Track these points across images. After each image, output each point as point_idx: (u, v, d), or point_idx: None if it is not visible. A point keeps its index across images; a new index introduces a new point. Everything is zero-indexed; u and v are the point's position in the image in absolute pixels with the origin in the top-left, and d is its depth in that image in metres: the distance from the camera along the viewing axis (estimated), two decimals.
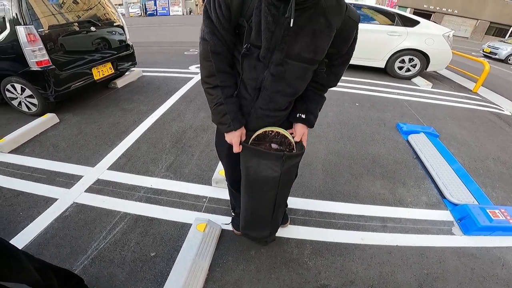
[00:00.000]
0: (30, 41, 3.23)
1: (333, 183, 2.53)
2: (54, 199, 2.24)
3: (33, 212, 2.10)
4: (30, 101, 3.65)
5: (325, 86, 1.26)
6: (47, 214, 2.09)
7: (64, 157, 2.80)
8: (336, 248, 1.89)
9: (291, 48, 1.00)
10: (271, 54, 1.01)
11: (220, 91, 1.11)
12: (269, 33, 0.95)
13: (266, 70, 1.06)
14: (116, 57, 4.33)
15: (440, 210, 2.31)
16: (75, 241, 1.87)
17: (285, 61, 1.02)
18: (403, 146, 3.27)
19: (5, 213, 2.09)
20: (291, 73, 1.07)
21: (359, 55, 5.92)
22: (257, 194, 1.40)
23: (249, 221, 1.57)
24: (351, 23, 1.03)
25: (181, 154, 2.84)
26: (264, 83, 1.09)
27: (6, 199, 2.21)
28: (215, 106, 1.15)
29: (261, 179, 1.29)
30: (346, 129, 3.56)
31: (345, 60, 1.18)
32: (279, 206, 1.46)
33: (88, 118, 3.62)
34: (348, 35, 1.06)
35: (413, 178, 2.68)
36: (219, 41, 1.02)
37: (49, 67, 3.41)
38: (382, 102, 4.64)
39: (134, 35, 9.98)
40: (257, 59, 1.03)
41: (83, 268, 1.69)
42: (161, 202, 2.22)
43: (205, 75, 1.12)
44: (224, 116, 1.15)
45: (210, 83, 1.12)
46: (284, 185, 1.34)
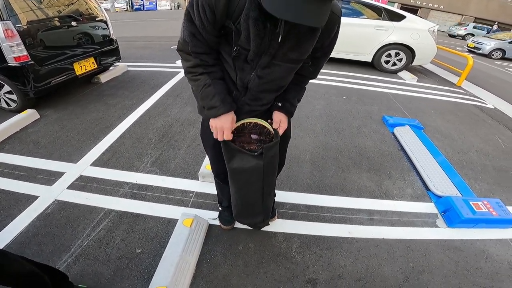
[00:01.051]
0: (7, 37, 3.12)
1: (320, 176, 2.54)
2: (35, 196, 2.16)
3: (13, 211, 2.02)
4: (9, 97, 3.52)
5: (305, 77, 1.27)
6: (28, 212, 2.01)
7: (45, 154, 2.71)
8: (323, 242, 1.89)
9: (278, 51, 1.01)
10: (259, 58, 1.02)
11: (206, 76, 1.08)
12: (259, 40, 0.95)
13: (253, 72, 1.07)
14: (99, 52, 4.21)
15: (425, 202, 2.35)
16: (58, 239, 1.81)
17: (272, 63, 1.04)
18: (389, 138, 3.31)
19: None
20: (277, 74, 1.08)
21: (346, 49, 5.96)
22: (243, 186, 1.40)
23: (240, 210, 1.58)
24: (334, 17, 1.01)
25: (167, 149, 2.79)
26: (250, 84, 1.11)
27: None
28: (202, 88, 1.09)
29: (245, 172, 1.29)
30: (333, 122, 3.58)
31: (326, 52, 1.17)
32: (268, 194, 1.47)
33: (70, 113, 3.51)
34: (331, 29, 1.05)
35: (399, 171, 2.71)
36: (201, 43, 1.01)
37: (27, 63, 3.30)
38: (369, 95, 4.68)
39: (120, 30, 9.79)
40: (244, 61, 1.04)
41: (67, 266, 1.63)
42: (146, 198, 2.18)
43: (188, 66, 1.09)
44: (213, 98, 1.09)
45: (195, 72, 1.09)
46: (269, 174, 1.34)
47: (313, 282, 1.63)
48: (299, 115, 3.59)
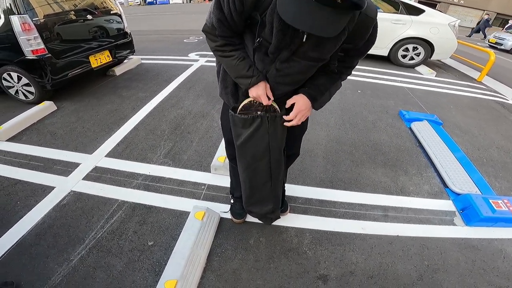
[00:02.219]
0: (24, 30, 3.18)
1: (334, 171, 2.49)
2: (51, 187, 2.21)
3: (30, 201, 2.07)
4: (27, 89, 3.61)
5: (335, 73, 1.22)
6: (44, 203, 2.06)
7: (61, 145, 2.77)
8: (336, 238, 1.86)
9: (299, 49, 1.01)
10: (279, 52, 1.03)
11: (239, 51, 1.11)
12: (281, 35, 0.96)
13: (272, 64, 1.09)
14: (114, 45, 4.26)
15: (442, 199, 2.27)
16: (73, 230, 1.85)
17: (291, 58, 1.05)
18: (406, 133, 3.22)
19: (3, 203, 2.06)
20: (295, 69, 1.09)
21: None
22: (251, 163, 1.42)
23: (249, 194, 1.58)
24: (368, 20, 0.99)
25: (179, 141, 2.80)
26: (268, 74, 1.14)
27: (4, 188, 2.19)
28: (238, 61, 1.11)
29: (251, 145, 1.33)
30: (347, 116, 3.50)
31: (361, 52, 1.14)
32: (276, 178, 1.48)
33: (86, 105, 3.57)
34: (365, 31, 1.02)
35: (416, 167, 2.63)
36: (227, 29, 1.05)
37: (45, 56, 3.36)
38: (385, 89, 4.56)
39: (134, 24, 9.85)
40: (265, 53, 1.06)
41: (81, 258, 1.66)
42: (159, 190, 2.19)
43: (216, 45, 1.13)
44: (250, 68, 1.11)
45: (225, 50, 1.12)
46: (275, 151, 1.36)
47: (324, 278, 1.61)
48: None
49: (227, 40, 1.10)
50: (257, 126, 1.27)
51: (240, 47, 1.12)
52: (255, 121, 1.26)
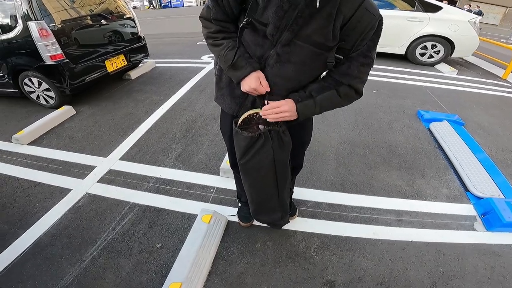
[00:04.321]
0: (42, 36, 3.29)
1: (345, 174, 2.43)
2: (68, 189, 2.28)
3: (48, 203, 2.15)
4: (48, 94, 3.75)
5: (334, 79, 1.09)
6: (61, 205, 2.13)
7: (79, 148, 2.86)
8: (345, 243, 1.81)
9: (303, 30, 0.94)
10: (280, 34, 0.96)
11: (230, 40, 1.08)
12: (281, 12, 0.91)
13: (272, 49, 1.01)
14: (129, 49, 4.36)
15: (462, 203, 2.16)
16: (86, 232, 1.90)
17: (293, 42, 0.97)
18: (424, 134, 3.09)
19: (22, 204, 2.15)
20: (297, 56, 1.00)
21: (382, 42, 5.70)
22: (256, 179, 1.37)
23: (256, 206, 1.56)
24: (368, 16, 0.93)
25: (190, 144, 2.83)
26: (268, 61, 1.05)
27: (24, 190, 2.29)
28: (226, 50, 1.06)
29: (256, 163, 1.26)
30: (361, 117, 3.41)
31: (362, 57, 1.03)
32: (283, 188, 1.43)
33: (103, 109, 3.68)
34: (363, 27, 0.95)
35: (434, 169, 2.53)
36: (221, 9, 1.03)
37: (63, 61, 3.48)
38: (402, 89, 4.41)
39: (148, 28, 10.10)
40: (263, 36, 0.99)
41: (92, 259, 1.71)
42: (169, 193, 2.22)
43: (209, 31, 1.10)
44: (239, 58, 1.05)
45: (217, 37, 1.09)
46: (280, 164, 1.30)
47: (331, 284, 1.57)
48: None
49: (221, 26, 1.07)
50: (261, 144, 1.20)
51: (232, 36, 1.08)
52: (259, 140, 1.19)
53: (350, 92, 1.11)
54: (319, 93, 1.09)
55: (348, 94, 1.11)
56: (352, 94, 1.12)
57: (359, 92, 1.13)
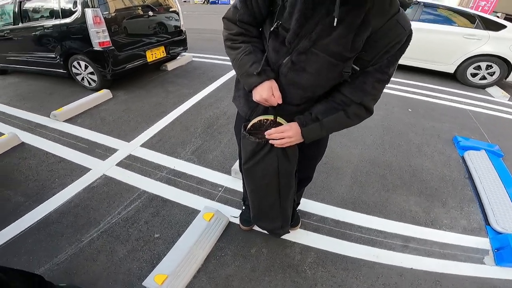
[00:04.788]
0: (95, 23, 3.55)
1: (359, 192, 2.33)
2: (88, 169, 2.44)
3: (67, 180, 2.31)
4: (91, 77, 4.05)
5: (345, 96, 1.02)
6: (78, 183, 2.28)
7: (107, 130, 3.04)
8: (342, 261, 1.73)
9: (321, 38, 0.90)
10: (298, 41, 0.93)
11: (248, 44, 1.05)
12: (303, 19, 0.88)
13: (288, 57, 0.98)
14: (169, 41, 4.55)
15: (479, 237, 1.99)
16: (93, 213, 2.01)
17: (311, 50, 0.93)
18: (456, 162, 2.87)
19: (43, 178, 2.33)
20: (313, 65, 0.96)
21: (423, 57, 5.37)
22: (259, 186, 1.36)
23: (257, 212, 1.56)
24: (398, 29, 0.87)
25: (209, 140, 2.88)
26: (281, 69, 1.02)
27: (49, 164, 2.48)
28: (242, 55, 1.03)
29: (259, 169, 1.25)
30: (389, 136, 3.25)
31: (379, 72, 0.96)
32: (285, 198, 1.40)
33: (136, 96, 3.88)
34: (390, 41, 0.89)
35: (457, 199, 2.34)
36: (249, 11, 1.01)
37: (109, 48, 3.73)
38: (441, 110, 4.12)
39: (192, 22, 10.41)
40: (282, 42, 0.97)
41: (90, 241, 1.80)
42: (179, 185, 2.28)
43: (230, 33, 1.07)
44: (253, 65, 1.01)
45: (237, 39, 1.06)
46: (285, 175, 1.27)
47: None
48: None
49: (244, 28, 1.04)
50: (267, 151, 1.18)
51: (253, 41, 1.06)
52: (265, 147, 1.17)
53: (360, 111, 1.04)
54: (325, 115, 1.04)
55: (357, 113, 1.04)
56: (362, 113, 1.05)
57: (369, 111, 1.05)
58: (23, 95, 4.13)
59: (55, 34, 3.88)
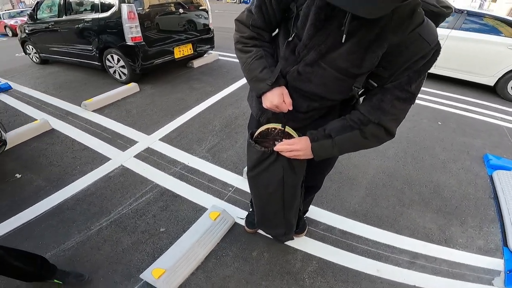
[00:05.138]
0: (130, 18, 3.71)
1: (372, 204, 2.25)
2: (108, 158, 2.56)
3: (87, 168, 2.43)
4: (122, 70, 4.24)
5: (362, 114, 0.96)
6: (97, 171, 2.40)
7: (130, 122, 3.17)
8: (343, 273, 1.68)
9: (330, 52, 0.87)
10: (307, 52, 0.91)
11: (260, 49, 1.03)
12: (314, 31, 0.86)
13: (295, 66, 0.97)
14: (197, 39, 4.65)
15: (493, 257, 1.86)
16: (106, 202, 2.10)
17: (318, 63, 0.91)
18: (483, 181, 2.68)
19: (66, 164, 2.48)
20: (319, 78, 0.94)
21: (461, 67, 5.06)
22: (262, 195, 1.35)
23: (260, 218, 1.56)
24: (421, 43, 0.80)
25: (225, 139, 2.91)
26: (288, 77, 1.00)
27: (73, 151, 2.63)
28: (253, 59, 1.01)
29: (264, 178, 1.24)
30: (413, 149, 3.10)
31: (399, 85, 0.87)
32: (290, 207, 1.38)
33: (161, 91, 4.00)
34: (411, 56, 0.82)
35: (478, 219, 2.18)
36: (263, 17, 0.99)
37: (140, 43, 3.89)
38: (475, 125, 3.86)
39: (222, 21, 10.48)
40: (292, 51, 0.96)
41: (99, 230, 1.88)
42: (190, 181, 2.32)
43: (242, 35, 1.06)
44: (263, 70, 1.00)
45: (248, 43, 1.04)
46: (290, 185, 1.24)
47: None
48: None
49: (256, 32, 1.03)
50: (272, 161, 1.15)
51: (264, 45, 1.04)
52: (271, 157, 1.14)
53: (379, 131, 0.95)
54: (339, 133, 0.98)
55: (376, 134, 0.96)
56: (382, 135, 0.96)
57: (390, 133, 0.96)
58: (60, 84, 4.41)
59: (93, 28, 4.10)
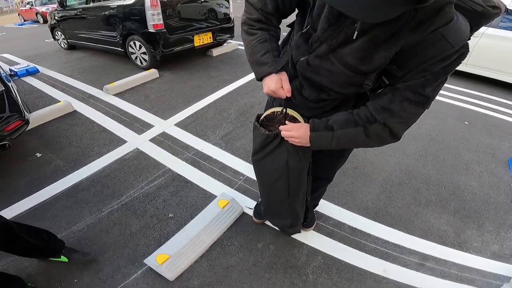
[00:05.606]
0: (152, 6, 3.75)
1: (386, 203, 2.17)
2: (124, 141, 2.61)
3: (104, 150, 2.50)
4: (143, 57, 4.31)
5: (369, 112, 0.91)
6: (113, 153, 2.46)
7: (148, 107, 3.22)
8: (348, 271, 1.64)
9: (341, 47, 0.84)
10: (319, 44, 0.89)
11: (265, 32, 1.01)
12: (326, 24, 0.83)
13: (306, 56, 0.94)
14: (218, 28, 4.63)
15: (506, 263, 1.78)
16: (119, 185, 2.15)
17: (328, 57, 0.87)
18: (506, 185, 2.52)
19: (85, 145, 2.55)
20: (326, 71, 0.90)
21: (494, 66, 4.76)
22: (267, 180, 1.35)
23: (266, 207, 1.55)
24: (443, 45, 0.72)
25: (240, 127, 2.90)
26: (298, 65, 0.98)
27: (92, 133, 2.70)
28: (256, 42, 1.00)
29: (268, 162, 1.24)
30: (435, 148, 2.96)
31: (410, 87, 0.80)
32: (295, 196, 1.36)
33: (180, 78, 4.04)
34: (430, 57, 0.75)
35: (496, 224, 2.07)
36: (276, 3, 0.97)
37: (161, 30, 3.93)
38: (504, 127, 3.63)
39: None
40: (305, 40, 0.93)
41: (109, 212, 1.93)
42: (202, 168, 2.33)
43: (249, 17, 1.03)
44: (265, 54, 0.98)
45: (254, 25, 1.02)
46: (295, 171, 1.23)
47: None
48: None
49: (264, 16, 1.00)
50: (276, 145, 1.15)
51: (270, 29, 1.02)
52: (275, 140, 1.14)
53: (383, 132, 0.90)
54: (342, 127, 0.95)
55: (380, 134, 0.91)
56: (386, 136, 0.91)
57: (396, 135, 0.91)
58: (85, 69, 4.55)
59: (118, 15, 4.18)
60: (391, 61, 0.79)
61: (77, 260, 1.56)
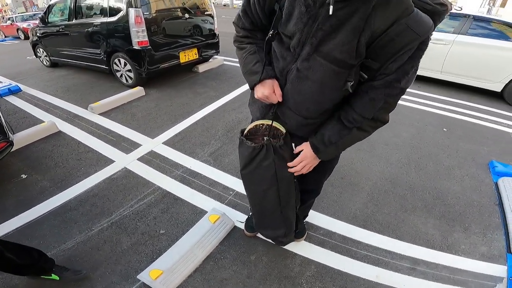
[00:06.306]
0: (136, 23, 3.77)
1: (373, 210, 2.23)
2: (112, 160, 2.59)
3: (91, 170, 2.47)
4: (129, 74, 4.31)
5: (356, 113, 1.00)
6: (100, 173, 2.44)
7: (135, 126, 3.22)
8: (341, 278, 1.67)
9: (323, 44, 0.88)
10: (301, 47, 0.93)
11: (254, 45, 1.12)
12: (301, 24, 0.89)
13: (294, 63, 0.98)
14: (203, 44, 4.70)
15: (496, 264, 1.83)
16: (108, 204, 2.13)
17: (314, 57, 0.91)
18: (487, 188, 2.64)
19: (71, 166, 2.52)
20: (316, 73, 0.94)
21: (467, 73, 5.00)
22: (257, 192, 1.37)
23: (258, 219, 1.57)
24: (408, 34, 0.79)
25: (228, 143, 2.93)
26: (288, 75, 1.02)
27: (78, 153, 2.67)
28: (247, 54, 1.11)
29: (257, 174, 1.26)
30: (417, 156, 3.07)
31: (388, 84, 0.90)
32: (286, 204, 1.39)
33: (166, 95, 4.06)
34: (399, 49, 0.82)
35: (482, 226, 2.15)
36: (249, 19, 1.08)
37: (146, 47, 3.95)
38: (481, 132, 3.81)
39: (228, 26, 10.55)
40: (287, 49, 0.98)
41: (99, 230, 1.91)
42: (192, 185, 2.34)
43: (237, 35, 1.16)
44: (256, 64, 1.08)
45: (243, 41, 1.15)
46: (284, 181, 1.27)
47: None
48: (376, 139, 3.21)
49: (248, 32, 1.12)
50: (263, 156, 1.19)
51: (258, 42, 1.12)
52: (262, 152, 1.18)
53: (374, 123, 1.04)
54: (340, 137, 1.06)
55: (372, 126, 1.05)
56: (378, 125, 1.05)
57: (384, 121, 1.05)
58: (68, 87, 4.50)
59: (102, 32, 4.19)
60: (366, 56, 0.87)
61: (68, 278, 1.53)
